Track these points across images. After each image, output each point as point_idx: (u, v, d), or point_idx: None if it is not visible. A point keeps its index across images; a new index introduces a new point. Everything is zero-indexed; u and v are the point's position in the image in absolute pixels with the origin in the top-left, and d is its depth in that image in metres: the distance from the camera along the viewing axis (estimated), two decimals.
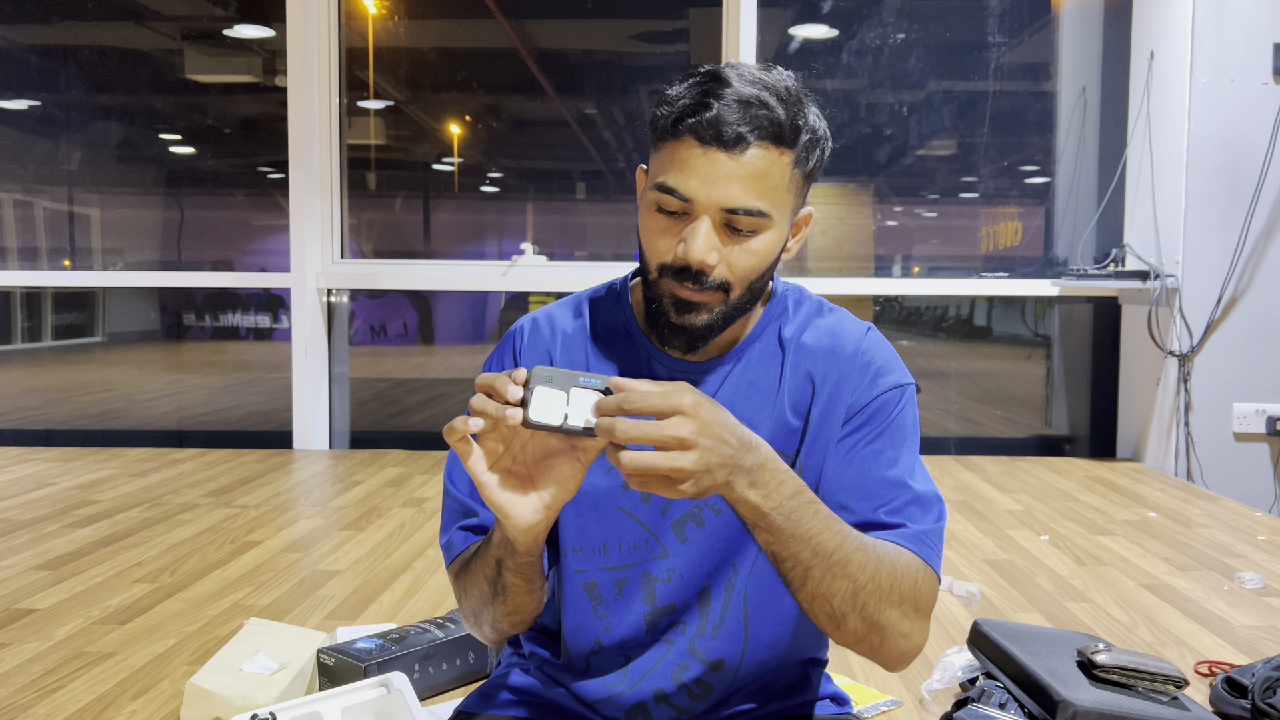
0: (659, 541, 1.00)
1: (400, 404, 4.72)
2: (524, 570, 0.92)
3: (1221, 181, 3.63)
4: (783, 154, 0.91)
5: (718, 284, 0.92)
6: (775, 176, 0.91)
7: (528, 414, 0.79)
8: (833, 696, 1.11)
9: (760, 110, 0.89)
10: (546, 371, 0.80)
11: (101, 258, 4.56)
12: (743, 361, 1.01)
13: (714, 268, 0.92)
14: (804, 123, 0.92)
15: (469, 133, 4.54)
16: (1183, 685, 1.49)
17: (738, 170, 0.89)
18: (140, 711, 1.64)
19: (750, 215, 0.90)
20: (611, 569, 1.01)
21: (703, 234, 0.90)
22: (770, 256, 0.94)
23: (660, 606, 1.01)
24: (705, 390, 0.99)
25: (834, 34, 4.26)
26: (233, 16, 4.38)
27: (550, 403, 0.79)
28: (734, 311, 0.95)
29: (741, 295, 0.94)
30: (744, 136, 0.88)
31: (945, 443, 4.24)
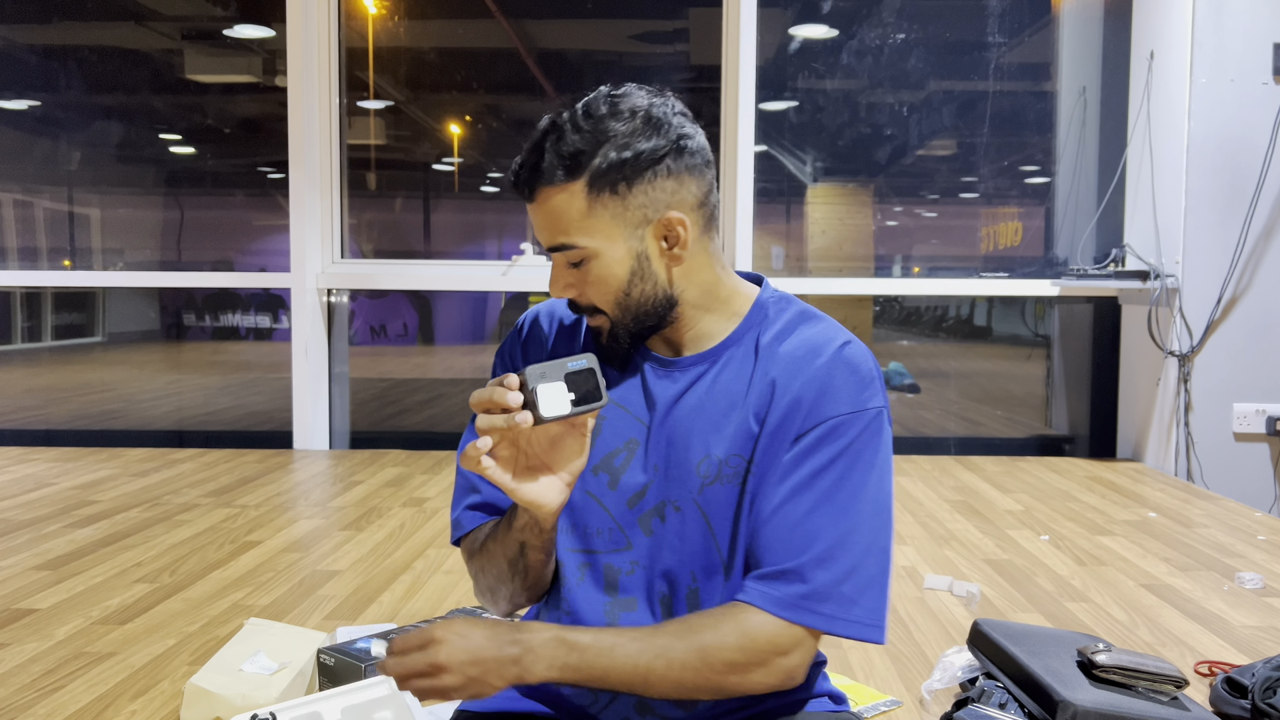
0: (624, 533, 1.02)
1: (400, 404, 4.72)
2: (547, 546, 0.99)
3: (1221, 181, 3.63)
4: (565, 188, 0.97)
5: (590, 309, 1.01)
6: (571, 211, 0.97)
7: (539, 413, 0.86)
8: (830, 695, 1.11)
9: (535, 159, 0.97)
10: (539, 369, 0.87)
11: (101, 258, 4.56)
12: (718, 364, 1.03)
13: (573, 299, 1.02)
14: (587, 145, 0.95)
15: (469, 133, 4.54)
16: (1183, 685, 1.49)
17: (540, 216, 0.99)
18: (140, 711, 1.64)
19: (564, 250, 0.98)
20: (577, 551, 1.04)
21: (551, 272, 1.02)
22: (615, 277, 0.99)
23: (621, 598, 1.02)
24: (677, 389, 1.02)
25: (834, 34, 4.26)
26: (233, 16, 4.38)
27: (554, 395, 0.87)
28: (628, 326, 1.01)
29: (618, 315, 1.01)
30: (529, 188, 0.99)
31: (945, 443, 4.24)
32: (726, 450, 0.99)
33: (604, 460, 1.03)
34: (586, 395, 0.89)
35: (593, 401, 0.90)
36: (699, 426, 1.00)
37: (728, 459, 0.99)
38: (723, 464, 0.99)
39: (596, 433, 1.04)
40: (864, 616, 0.95)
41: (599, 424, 1.04)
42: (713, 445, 1.00)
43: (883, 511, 0.98)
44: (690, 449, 1.00)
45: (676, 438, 1.01)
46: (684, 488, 1.00)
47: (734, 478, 0.99)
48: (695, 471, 1.00)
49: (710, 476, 0.99)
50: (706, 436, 1.00)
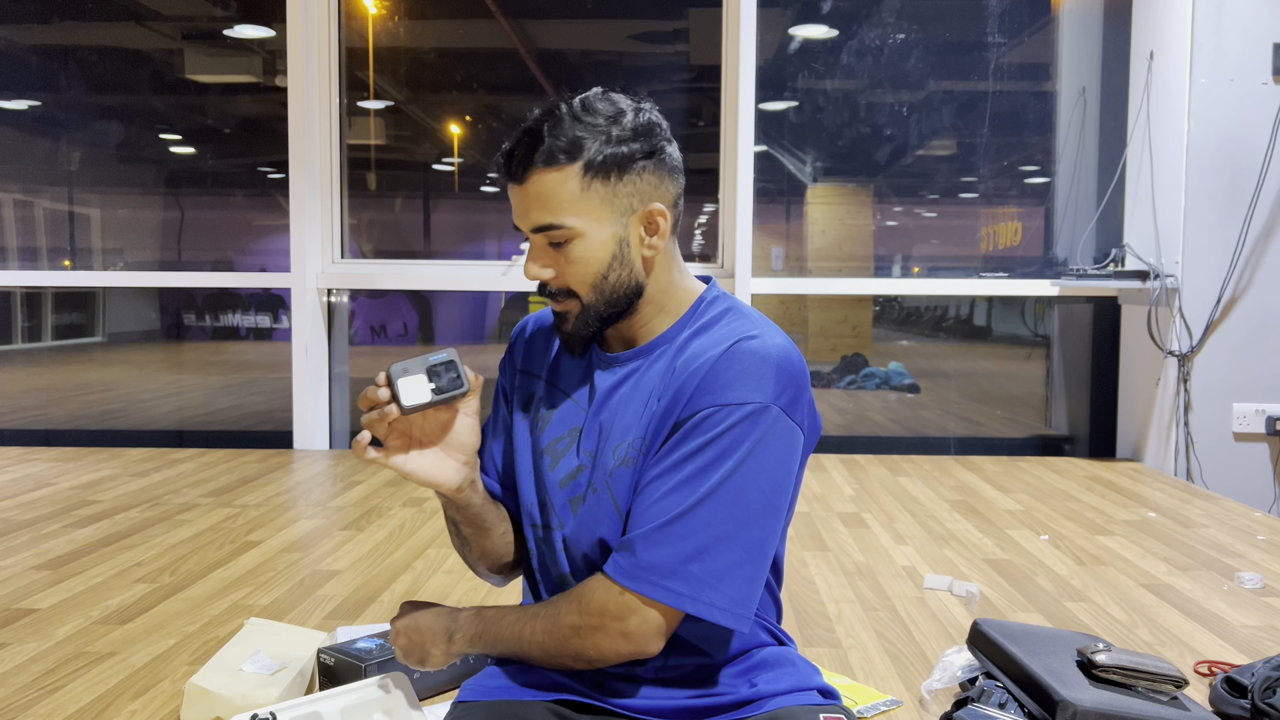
0: (558, 514, 1.11)
1: None
2: (473, 520, 1.12)
3: (1221, 181, 3.63)
4: (560, 170, 1.02)
5: (563, 292, 1.07)
6: (564, 192, 1.02)
7: (401, 403, 0.98)
8: (820, 689, 1.13)
9: (532, 140, 1.02)
10: (402, 365, 1.00)
11: (101, 258, 4.56)
12: (650, 358, 1.09)
13: (550, 281, 1.07)
14: (581, 133, 1.02)
15: (469, 133, 4.54)
16: (1182, 685, 1.49)
17: (527, 198, 1.04)
18: (140, 711, 1.64)
19: (551, 230, 1.03)
20: (535, 527, 1.14)
21: (528, 256, 1.07)
22: (597, 259, 1.05)
23: (565, 573, 1.11)
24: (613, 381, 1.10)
25: (834, 34, 4.27)
26: (233, 16, 4.38)
27: (415, 387, 0.99)
28: (595, 314, 1.07)
29: (593, 299, 1.06)
30: (521, 168, 1.03)
31: (945, 443, 4.24)
32: (634, 435, 1.06)
33: (549, 445, 1.13)
34: (449, 384, 1.01)
35: (455, 390, 1.01)
36: (622, 416, 1.08)
37: (634, 443, 1.06)
38: (629, 446, 1.06)
39: (547, 420, 1.15)
40: (720, 601, 0.98)
41: (550, 412, 1.14)
42: (626, 432, 1.07)
43: (753, 504, 0.99)
44: (610, 437, 1.08)
45: (605, 426, 1.08)
46: (602, 472, 1.07)
47: (635, 461, 1.06)
48: (611, 456, 1.07)
49: (619, 460, 1.06)
50: (624, 425, 1.07)
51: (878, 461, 3.96)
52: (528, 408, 1.18)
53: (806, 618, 2.12)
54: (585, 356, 1.14)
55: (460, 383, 1.01)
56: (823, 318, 4.42)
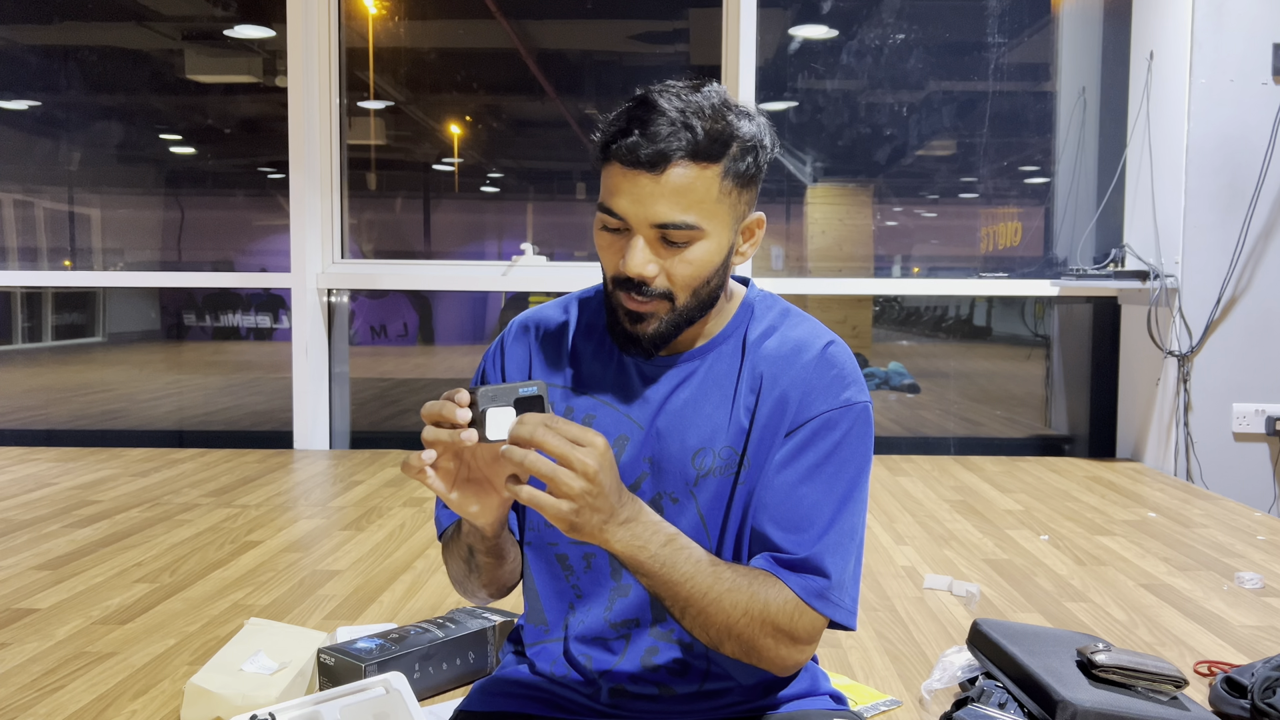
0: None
1: (400, 404, 4.72)
2: (494, 551, 1.02)
3: (1221, 181, 3.63)
4: (705, 168, 0.96)
5: (660, 293, 0.99)
6: (700, 190, 0.96)
7: (484, 434, 0.88)
8: (831, 694, 1.13)
9: (680, 130, 0.94)
10: (490, 391, 0.89)
11: (102, 258, 4.56)
12: (707, 361, 1.06)
13: (653, 279, 0.98)
14: (730, 134, 0.97)
15: (469, 133, 4.54)
16: (1182, 685, 1.49)
17: (660, 189, 0.95)
18: (140, 711, 1.64)
19: (680, 229, 0.96)
20: (579, 543, 1.06)
21: (638, 250, 0.97)
22: (710, 264, 0.99)
23: (623, 583, 1.05)
24: (667, 387, 1.05)
25: (834, 34, 4.27)
26: (233, 16, 4.38)
27: (501, 419, 0.88)
28: (683, 318, 1.01)
29: (688, 302, 1.00)
30: (663, 157, 0.94)
31: (945, 443, 4.24)
32: (721, 443, 1.03)
33: None
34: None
35: None
36: (692, 421, 1.04)
37: (721, 452, 1.03)
38: (716, 455, 1.03)
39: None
40: (850, 604, 1.01)
41: (590, 422, 1.06)
42: (708, 439, 1.03)
43: (864, 501, 1.05)
44: (685, 443, 1.03)
45: (669, 433, 1.04)
46: (679, 480, 1.03)
47: (725, 470, 1.03)
48: (690, 464, 1.03)
49: (704, 469, 1.03)
50: (700, 430, 1.03)
51: (877, 461, 3.96)
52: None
53: None
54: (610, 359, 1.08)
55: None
56: (823, 318, 4.38)
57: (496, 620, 1.82)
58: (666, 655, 1.05)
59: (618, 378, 1.07)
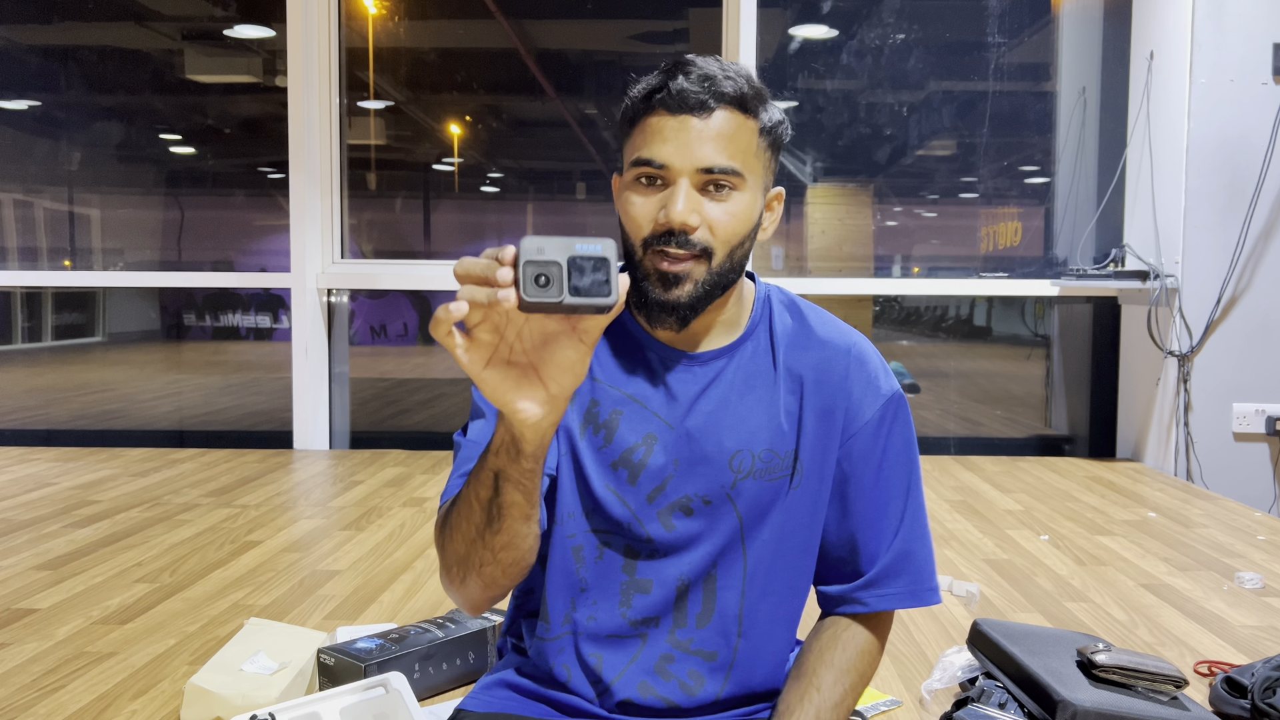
0: (643, 526, 1.02)
1: (400, 404, 4.72)
2: (526, 481, 0.83)
3: (1221, 181, 3.63)
4: (748, 119, 0.97)
5: (700, 248, 0.95)
6: (744, 140, 0.97)
7: (523, 294, 0.69)
8: None
9: (723, 79, 0.96)
10: (536, 241, 0.70)
11: (101, 258, 4.56)
12: (736, 359, 1.04)
13: (695, 229, 0.95)
14: (764, 94, 0.99)
15: (469, 133, 4.54)
16: (1182, 685, 1.49)
17: (708, 132, 0.95)
18: (140, 711, 1.64)
19: (725, 173, 0.95)
20: (597, 531, 1.03)
21: (682, 194, 0.94)
22: (749, 220, 0.98)
23: (639, 578, 1.02)
24: (698, 384, 1.02)
25: (834, 34, 4.26)
26: (233, 16, 4.38)
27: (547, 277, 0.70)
28: (717, 281, 0.97)
29: (723, 262, 0.97)
30: (709, 101, 0.95)
31: (945, 443, 4.24)
32: (761, 445, 1.02)
33: (623, 456, 1.02)
34: (592, 288, 0.70)
35: (597, 297, 0.70)
36: (726, 421, 1.02)
37: (761, 454, 1.01)
38: (756, 459, 1.01)
39: (614, 426, 1.02)
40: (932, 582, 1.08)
41: (615, 415, 1.02)
42: (746, 440, 1.02)
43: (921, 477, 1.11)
44: (722, 445, 1.01)
45: (702, 432, 1.01)
46: (715, 482, 1.01)
47: (767, 474, 1.02)
48: (729, 466, 1.01)
49: (744, 471, 1.01)
50: (738, 432, 1.02)
51: None
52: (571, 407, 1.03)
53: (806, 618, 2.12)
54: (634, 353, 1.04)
55: (607, 289, 0.70)
56: None
57: (496, 620, 1.82)
58: (683, 665, 1.03)
59: (643, 374, 1.03)
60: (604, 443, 1.02)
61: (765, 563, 1.03)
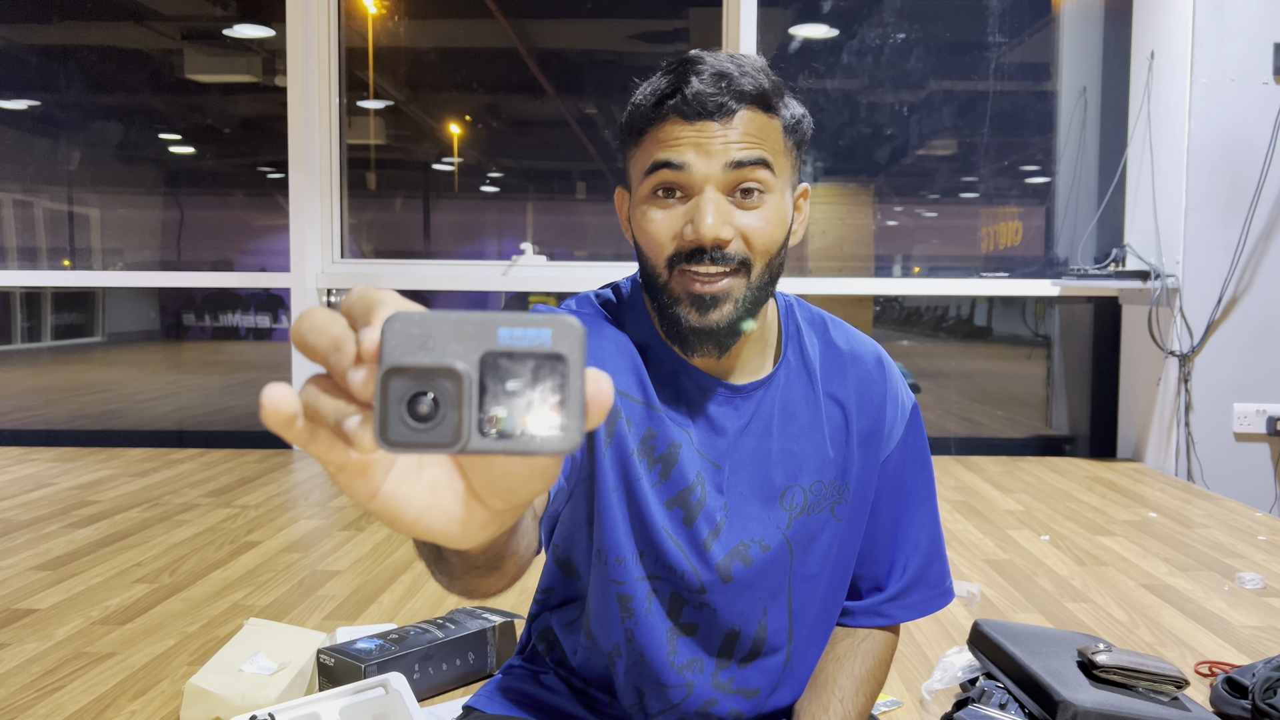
0: (698, 575, 0.94)
1: None
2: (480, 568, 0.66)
3: (1221, 181, 3.63)
4: (771, 118, 0.88)
5: (737, 261, 0.86)
6: (770, 140, 0.88)
7: (381, 434, 0.38)
8: None
9: (740, 78, 0.86)
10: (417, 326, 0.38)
11: (101, 258, 4.55)
12: (774, 387, 0.96)
13: (729, 241, 0.85)
14: (783, 88, 0.91)
15: (469, 133, 4.54)
16: (1183, 685, 1.49)
17: (732, 133, 0.85)
18: (140, 711, 1.64)
19: (756, 166, 0.85)
20: (648, 579, 0.94)
21: (710, 205, 0.84)
22: (783, 224, 0.89)
23: (683, 623, 0.96)
24: (742, 418, 0.94)
25: (834, 34, 4.26)
26: (233, 16, 4.38)
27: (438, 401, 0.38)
28: (758, 297, 0.88)
29: (762, 274, 0.88)
30: (729, 103, 0.85)
31: (945, 443, 4.24)
32: (810, 479, 0.95)
33: (680, 495, 0.92)
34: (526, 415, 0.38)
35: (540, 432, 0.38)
36: (774, 457, 0.95)
37: (811, 488, 0.95)
38: (807, 494, 0.95)
39: (671, 462, 0.91)
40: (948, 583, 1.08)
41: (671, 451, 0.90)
42: (796, 475, 0.95)
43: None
44: (770, 482, 0.94)
45: (749, 470, 0.94)
46: (769, 523, 0.95)
47: (816, 507, 0.96)
48: (780, 504, 0.95)
49: (798, 508, 0.95)
50: (785, 468, 0.95)
51: None
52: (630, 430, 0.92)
53: None
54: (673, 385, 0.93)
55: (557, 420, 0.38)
56: None
57: (496, 621, 1.82)
58: (725, 705, 0.99)
59: (684, 405, 0.93)
60: (660, 479, 0.92)
61: (811, 595, 0.99)
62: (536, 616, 1.09)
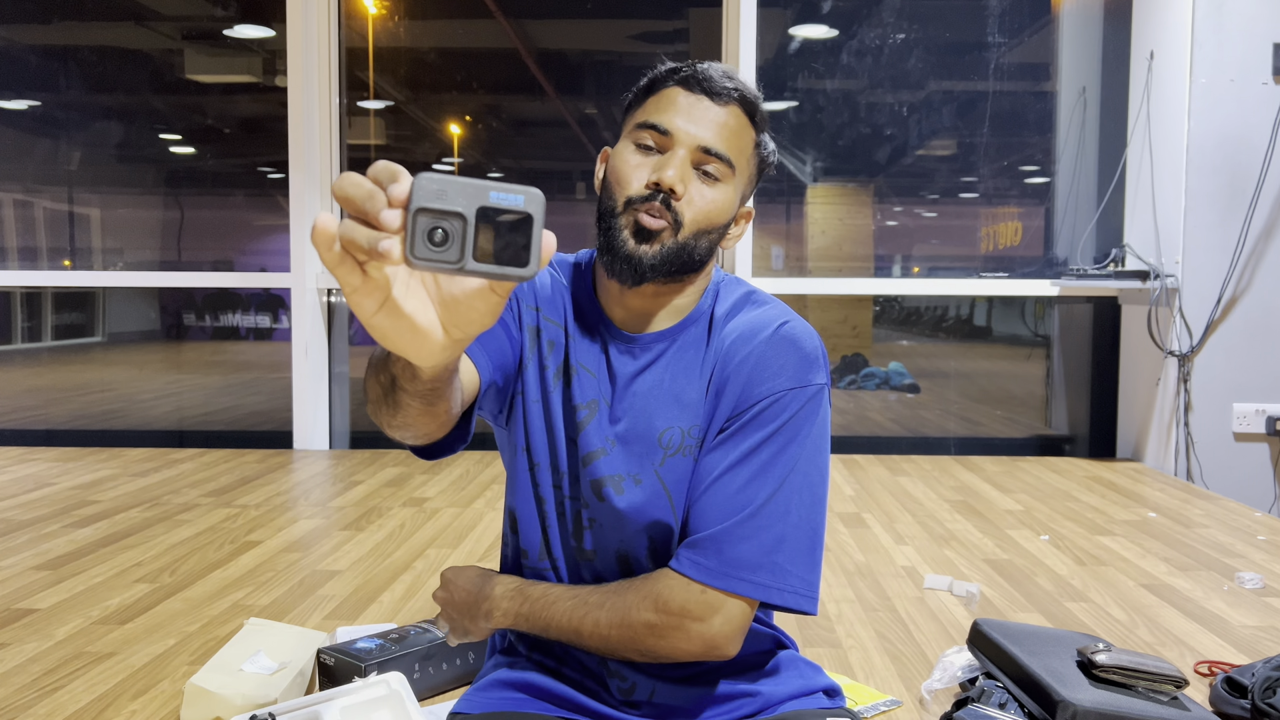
0: (578, 486, 1.06)
1: None
2: (424, 395, 0.78)
3: (1221, 181, 3.63)
4: (750, 128, 1.04)
5: (675, 216, 0.99)
6: (743, 141, 1.03)
7: (409, 252, 0.55)
8: (825, 689, 1.13)
9: (743, 86, 1.03)
10: (437, 184, 0.55)
11: (101, 258, 4.56)
12: (678, 342, 1.06)
13: (680, 196, 0.99)
14: (768, 122, 1.07)
15: (469, 133, 4.54)
16: (1183, 685, 1.49)
17: (718, 117, 1.01)
18: (140, 711, 1.64)
19: (720, 160, 1.00)
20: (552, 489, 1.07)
21: (678, 161, 0.99)
22: (724, 212, 1.02)
23: (586, 549, 1.07)
24: (636, 365, 1.05)
25: (834, 34, 4.26)
26: (233, 16, 4.38)
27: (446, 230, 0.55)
28: (677, 254, 1.00)
29: (689, 238, 1.00)
30: (728, 92, 1.01)
31: (945, 443, 4.24)
32: (689, 423, 1.03)
33: (575, 409, 1.06)
34: (503, 252, 0.56)
35: (512, 265, 0.56)
36: (659, 400, 1.04)
37: (689, 430, 1.03)
38: (685, 435, 1.03)
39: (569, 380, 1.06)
40: (799, 586, 0.99)
41: (571, 371, 1.06)
42: (675, 418, 1.03)
43: (816, 486, 1.01)
44: (652, 423, 1.03)
45: (636, 412, 1.04)
46: (645, 460, 1.03)
47: (692, 449, 1.03)
48: (658, 443, 1.03)
49: (673, 448, 1.03)
50: (668, 411, 1.04)
51: (878, 461, 3.96)
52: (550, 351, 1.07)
53: (807, 618, 2.12)
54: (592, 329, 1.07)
55: (525, 256, 0.56)
56: (823, 318, 4.42)
57: None
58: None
59: (592, 344, 1.07)
60: (565, 388, 1.06)
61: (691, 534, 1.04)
62: None
